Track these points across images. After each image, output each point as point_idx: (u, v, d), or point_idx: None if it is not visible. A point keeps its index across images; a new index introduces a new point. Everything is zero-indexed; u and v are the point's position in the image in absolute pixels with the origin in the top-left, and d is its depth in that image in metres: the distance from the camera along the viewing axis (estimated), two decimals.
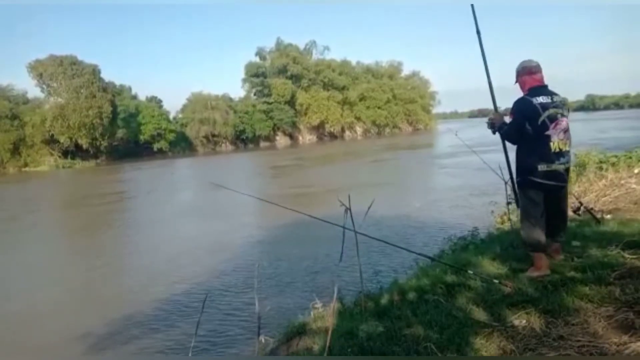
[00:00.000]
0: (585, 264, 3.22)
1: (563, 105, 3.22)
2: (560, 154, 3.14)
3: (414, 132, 71.80)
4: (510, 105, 3.39)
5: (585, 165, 8.10)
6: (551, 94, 3.23)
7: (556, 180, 3.17)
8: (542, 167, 3.12)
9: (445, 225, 9.52)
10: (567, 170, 3.27)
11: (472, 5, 3.67)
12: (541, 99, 3.14)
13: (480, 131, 3.69)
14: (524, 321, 2.53)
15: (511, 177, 3.55)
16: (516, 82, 3.39)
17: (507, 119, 3.37)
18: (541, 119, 3.09)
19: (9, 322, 6.43)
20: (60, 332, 5.99)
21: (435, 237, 8.44)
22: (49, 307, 7.04)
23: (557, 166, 3.14)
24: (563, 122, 3.16)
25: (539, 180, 3.14)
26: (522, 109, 3.19)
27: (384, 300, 3.46)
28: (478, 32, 3.65)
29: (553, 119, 3.12)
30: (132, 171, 35.42)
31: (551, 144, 3.10)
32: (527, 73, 3.31)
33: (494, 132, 3.51)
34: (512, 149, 3.44)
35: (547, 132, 3.10)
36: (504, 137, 3.42)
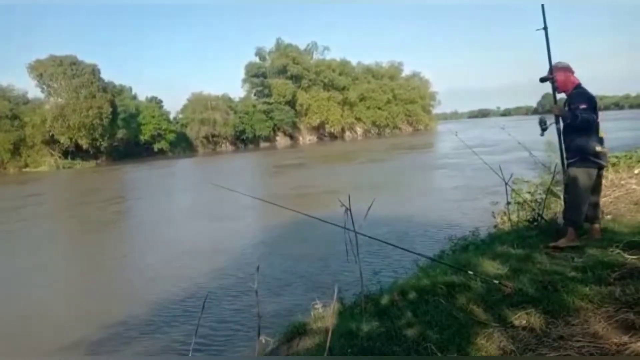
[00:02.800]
0: (585, 264, 3.22)
1: None
2: (603, 139, 3.84)
3: (414, 132, 71.79)
4: (509, 105, 3.52)
5: None
6: None
7: (605, 160, 3.85)
8: (599, 149, 3.75)
9: (445, 225, 9.51)
10: (606, 154, 3.92)
11: (542, 5, 4.05)
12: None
13: (480, 131, 3.69)
14: (524, 321, 2.53)
15: (562, 156, 4.04)
16: (555, 75, 3.89)
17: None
18: (596, 108, 3.79)
19: (9, 322, 6.43)
20: (60, 332, 6.00)
21: (436, 238, 8.44)
22: (49, 307, 7.04)
23: (604, 149, 3.80)
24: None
25: (596, 160, 3.76)
26: (593, 98, 3.80)
27: (384, 300, 3.46)
28: (545, 28, 4.01)
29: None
30: (133, 172, 35.43)
31: (600, 130, 3.81)
32: (572, 71, 3.92)
33: (562, 120, 3.90)
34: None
35: (598, 120, 3.81)
36: (582, 123, 3.74)
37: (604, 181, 7.12)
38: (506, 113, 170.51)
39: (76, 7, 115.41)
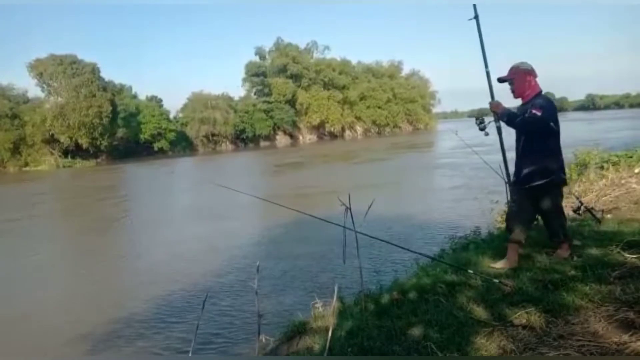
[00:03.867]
0: (585, 264, 3.22)
1: None
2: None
3: (415, 131, 71.76)
4: (509, 105, 3.42)
5: (586, 165, 8.10)
6: None
7: (564, 175, 3.50)
8: (563, 165, 3.44)
9: (446, 224, 9.52)
10: None
11: (474, 5, 3.73)
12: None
13: (478, 132, 3.68)
14: (524, 320, 2.53)
15: (507, 174, 3.69)
16: (514, 77, 3.40)
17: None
18: (558, 120, 3.33)
19: (9, 322, 6.43)
20: (60, 332, 5.99)
21: (436, 237, 8.44)
22: (49, 307, 7.04)
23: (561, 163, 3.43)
24: None
25: (563, 176, 3.43)
26: (550, 108, 3.30)
27: (384, 299, 3.46)
28: (476, 17, 3.70)
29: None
30: (133, 171, 35.44)
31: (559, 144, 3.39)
32: (536, 76, 3.40)
33: (484, 127, 3.57)
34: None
35: (560, 133, 3.39)
36: (522, 125, 3.34)
37: (604, 180, 7.16)
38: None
39: (76, 6, 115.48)
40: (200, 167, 36.45)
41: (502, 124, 3.53)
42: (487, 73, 3.63)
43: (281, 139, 63.12)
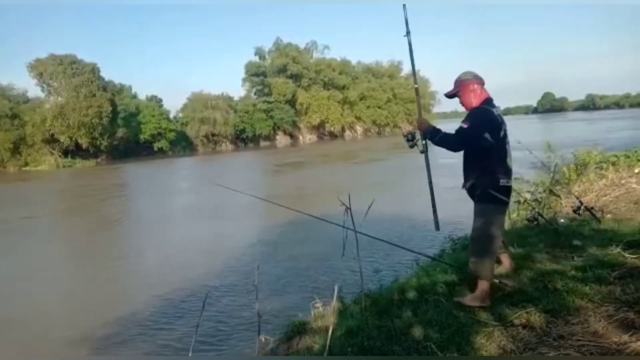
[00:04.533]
0: (585, 264, 3.22)
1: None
2: (511, 170, 3.04)
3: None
4: (509, 104, 3.34)
5: (586, 165, 8.09)
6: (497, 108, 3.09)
7: (509, 196, 3.08)
8: (503, 182, 2.95)
9: (446, 224, 9.50)
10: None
11: (404, 5, 3.43)
12: (498, 111, 3.02)
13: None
14: (524, 320, 2.53)
15: (432, 200, 3.35)
16: (459, 89, 3.11)
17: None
18: (502, 131, 2.96)
19: (9, 322, 6.43)
20: (60, 332, 5.99)
21: (436, 237, 8.43)
22: (49, 307, 7.03)
23: (509, 182, 3.02)
24: (508, 138, 3.05)
25: (500, 196, 2.94)
26: (485, 118, 2.97)
27: (385, 299, 3.46)
28: (408, 33, 3.34)
29: (506, 134, 3.01)
30: (132, 170, 35.43)
31: (507, 158, 3.00)
32: (482, 84, 3.10)
33: (413, 144, 3.24)
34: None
35: (506, 146, 3.01)
36: (444, 143, 3.09)
37: (604, 180, 7.16)
38: (506, 112, 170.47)
39: (76, 6, 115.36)
40: (200, 167, 36.43)
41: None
42: (416, 89, 3.52)
43: (281, 139, 63.10)
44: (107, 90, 46.67)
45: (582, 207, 5.17)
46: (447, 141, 3.09)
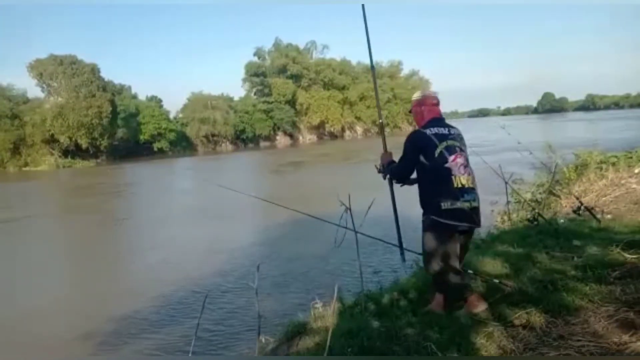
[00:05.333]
0: (585, 264, 3.22)
1: (461, 138, 2.93)
2: (464, 190, 2.74)
3: None
4: (509, 105, 3.34)
5: (586, 165, 8.10)
6: (448, 126, 2.94)
7: (461, 220, 2.72)
8: (445, 205, 2.70)
9: None
10: (475, 210, 2.79)
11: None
12: (436, 130, 2.86)
13: (480, 130, 3.67)
14: (524, 321, 2.53)
15: (396, 221, 3.29)
16: (411, 109, 3.11)
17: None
18: (438, 150, 2.76)
19: (9, 322, 6.43)
20: (60, 332, 6.00)
21: None
22: (48, 307, 7.03)
23: (462, 204, 2.71)
24: (461, 157, 2.83)
25: (442, 220, 2.71)
26: (414, 141, 2.88)
27: (385, 299, 3.46)
28: (372, 68, 3.55)
29: (452, 151, 2.80)
30: (132, 171, 35.42)
31: (452, 177, 2.73)
32: (428, 104, 3.03)
33: (384, 176, 3.18)
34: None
35: (447, 165, 2.75)
36: (391, 175, 3.07)
37: (604, 180, 7.16)
38: (506, 112, 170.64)
39: (76, 6, 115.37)
40: (200, 167, 36.42)
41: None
42: (381, 124, 3.54)
43: (281, 139, 63.10)
44: (107, 90, 46.66)
45: (582, 207, 5.17)
46: (392, 173, 3.09)
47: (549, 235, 4.40)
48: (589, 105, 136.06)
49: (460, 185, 2.74)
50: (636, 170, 7.22)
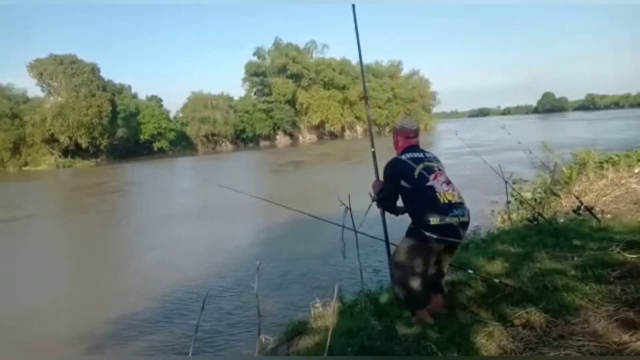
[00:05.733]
0: (585, 263, 3.22)
1: (437, 160, 2.97)
2: (452, 205, 2.72)
3: None
4: (509, 104, 3.34)
5: (586, 165, 8.11)
6: (422, 151, 3.01)
7: (448, 235, 2.69)
8: (434, 221, 2.66)
9: None
10: (463, 225, 2.76)
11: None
12: (410, 155, 2.92)
13: (480, 130, 3.67)
14: (524, 320, 2.53)
15: (385, 230, 3.22)
16: (393, 137, 3.17)
17: None
18: (417, 172, 2.80)
19: (9, 322, 6.43)
20: (59, 332, 6.00)
21: None
22: (48, 307, 7.03)
23: (452, 219, 2.67)
24: (442, 175, 2.85)
25: (430, 234, 2.66)
26: (391, 168, 2.94)
27: (384, 299, 3.46)
28: (366, 98, 3.79)
29: (430, 171, 2.83)
30: (132, 170, 35.42)
31: (437, 194, 2.72)
32: (404, 136, 3.05)
33: (378, 204, 3.16)
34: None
35: (429, 184, 2.76)
36: (378, 204, 3.11)
37: (604, 180, 7.16)
38: (506, 112, 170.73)
39: (76, 6, 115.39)
40: (200, 167, 36.41)
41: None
42: (373, 153, 3.53)
43: (281, 139, 63.08)
44: (107, 90, 46.64)
45: (582, 207, 5.17)
46: (379, 200, 3.08)
47: (548, 234, 4.40)
48: (589, 105, 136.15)
49: (446, 201, 2.72)
50: (636, 170, 7.22)
